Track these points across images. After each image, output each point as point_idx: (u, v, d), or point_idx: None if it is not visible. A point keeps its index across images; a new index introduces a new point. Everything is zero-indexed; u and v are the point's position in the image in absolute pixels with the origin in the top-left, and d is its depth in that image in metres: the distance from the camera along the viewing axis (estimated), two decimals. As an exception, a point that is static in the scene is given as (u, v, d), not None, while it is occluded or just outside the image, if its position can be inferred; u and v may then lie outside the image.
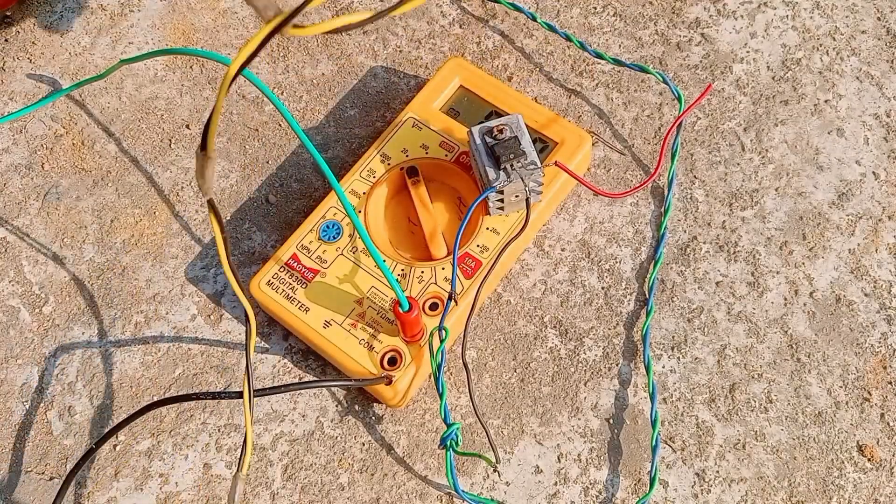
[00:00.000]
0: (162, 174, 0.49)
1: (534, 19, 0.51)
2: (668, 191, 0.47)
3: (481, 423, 0.40)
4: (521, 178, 0.41)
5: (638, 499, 0.40)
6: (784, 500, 0.40)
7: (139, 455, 0.42)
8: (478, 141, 0.42)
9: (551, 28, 0.51)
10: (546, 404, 0.43)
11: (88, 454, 0.40)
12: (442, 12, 0.54)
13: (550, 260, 0.46)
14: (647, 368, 0.42)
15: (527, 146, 0.42)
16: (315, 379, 0.43)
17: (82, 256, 0.47)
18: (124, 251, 0.47)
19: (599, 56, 0.50)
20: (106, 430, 0.42)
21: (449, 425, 0.39)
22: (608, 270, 0.46)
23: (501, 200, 0.43)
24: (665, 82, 0.48)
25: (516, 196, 0.43)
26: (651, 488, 0.40)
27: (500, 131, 0.42)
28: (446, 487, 0.41)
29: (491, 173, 0.41)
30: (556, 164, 0.43)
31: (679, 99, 0.48)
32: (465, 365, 0.40)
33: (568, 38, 0.50)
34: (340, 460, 0.41)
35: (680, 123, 0.48)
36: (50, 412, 0.43)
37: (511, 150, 0.41)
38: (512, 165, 0.41)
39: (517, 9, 0.52)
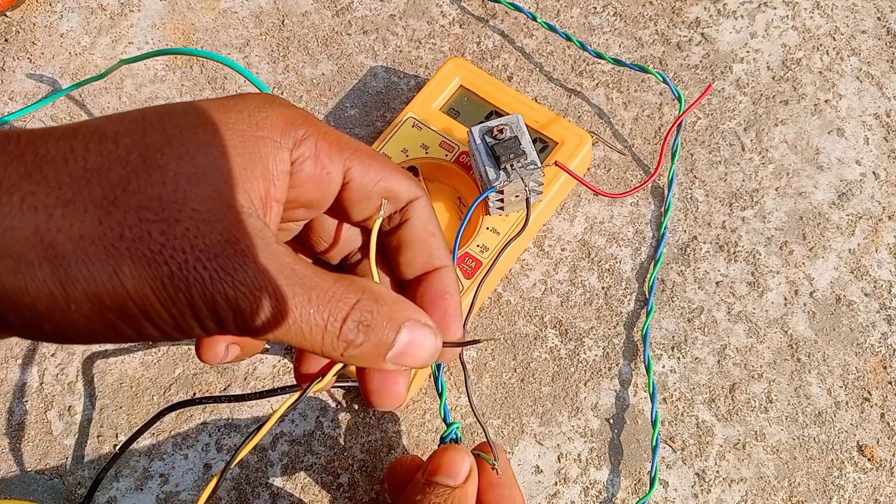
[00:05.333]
0: (162, 174, 0.49)
1: (534, 19, 0.51)
2: (669, 191, 0.47)
3: (479, 423, 0.39)
4: (522, 178, 0.41)
5: (638, 499, 0.40)
6: (784, 500, 0.40)
7: (139, 455, 0.42)
8: (478, 141, 0.42)
9: (551, 28, 0.51)
10: (546, 404, 0.43)
11: (115, 458, 0.41)
12: (442, 12, 0.54)
13: (550, 260, 0.46)
14: (648, 368, 0.42)
15: (527, 146, 0.42)
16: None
17: (82, 256, 0.47)
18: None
19: (600, 56, 0.50)
20: (131, 435, 0.42)
21: (448, 425, 0.39)
22: (608, 270, 0.46)
23: (501, 200, 0.43)
24: (665, 82, 0.48)
25: (516, 196, 0.43)
26: (651, 488, 0.40)
27: (500, 131, 0.42)
28: (446, 487, 0.41)
29: (491, 173, 0.41)
30: (556, 163, 0.43)
31: (679, 99, 0.48)
32: (463, 364, 0.40)
33: (568, 38, 0.50)
34: (340, 460, 0.41)
35: (680, 123, 0.48)
36: (50, 412, 0.43)
37: (511, 150, 0.41)
38: (512, 165, 0.41)
39: (517, 9, 0.52)
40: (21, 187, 0.21)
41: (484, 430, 0.39)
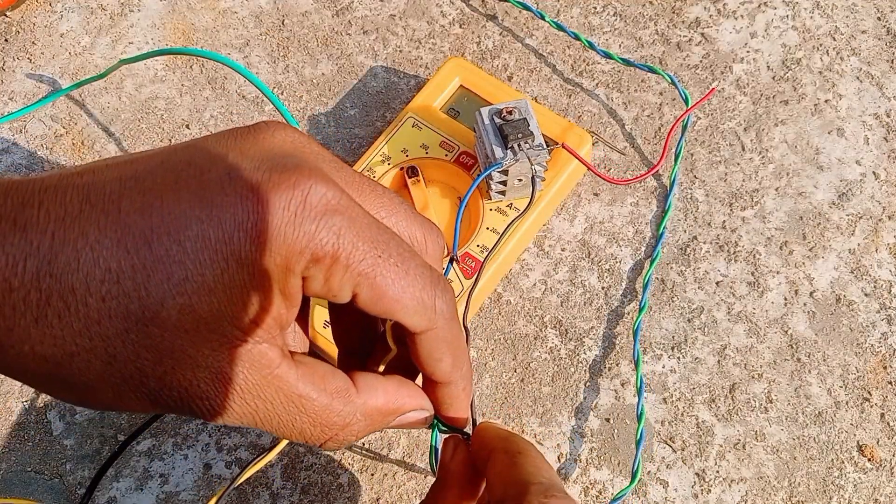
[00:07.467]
0: (162, 174, 0.49)
1: (542, 18, 0.51)
2: (670, 191, 0.47)
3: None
4: (528, 158, 0.42)
5: (637, 499, 0.40)
6: (784, 500, 0.40)
7: (139, 455, 0.42)
8: (486, 121, 0.43)
9: (560, 27, 0.51)
10: (546, 404, 0.43)
11: (114, 458, 0.41)
12: (442, 12, 0.54)
13: (550, 260, 0.46)
14: (637, 364, 0.42)
15: (535, 129, 0.42)
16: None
17: (82, 256, 0.47)
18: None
19: (608, 56, 0.50)
20: (130, 434, 0.42)
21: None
22: (608, 270, 0.46)
23: (504, 183, 0.43)
24: (674, 84, 0.48)
25: (519, 180, 0.43)
26: (633, 480, 0.39)
27: (510, 112, 0.42)
28: (446, 487, 0.41)
29: (497, 151, 0.42)
30: (563, 146, 0.44)
31: (686, 101, 0.48)
32: (465, 328, 0.38)
33: (577, 38, 0.50)
34: (340, 460, 0.41)
35: (685, 125, 0.48)
36: (50, 412, 0.43)
37: (519, 130, 0.42)
38: (519, 145, 0.42)
39: (526, 8, 0.52)
40: (30, 336, 0.24)
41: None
